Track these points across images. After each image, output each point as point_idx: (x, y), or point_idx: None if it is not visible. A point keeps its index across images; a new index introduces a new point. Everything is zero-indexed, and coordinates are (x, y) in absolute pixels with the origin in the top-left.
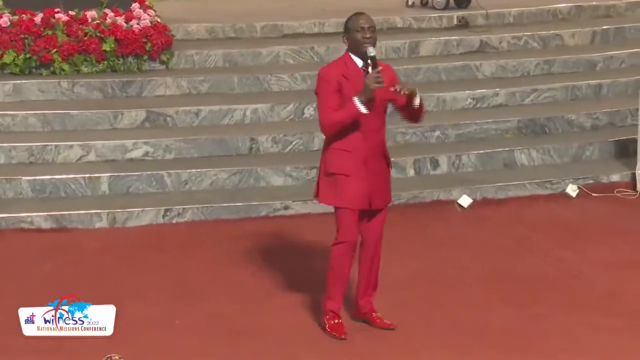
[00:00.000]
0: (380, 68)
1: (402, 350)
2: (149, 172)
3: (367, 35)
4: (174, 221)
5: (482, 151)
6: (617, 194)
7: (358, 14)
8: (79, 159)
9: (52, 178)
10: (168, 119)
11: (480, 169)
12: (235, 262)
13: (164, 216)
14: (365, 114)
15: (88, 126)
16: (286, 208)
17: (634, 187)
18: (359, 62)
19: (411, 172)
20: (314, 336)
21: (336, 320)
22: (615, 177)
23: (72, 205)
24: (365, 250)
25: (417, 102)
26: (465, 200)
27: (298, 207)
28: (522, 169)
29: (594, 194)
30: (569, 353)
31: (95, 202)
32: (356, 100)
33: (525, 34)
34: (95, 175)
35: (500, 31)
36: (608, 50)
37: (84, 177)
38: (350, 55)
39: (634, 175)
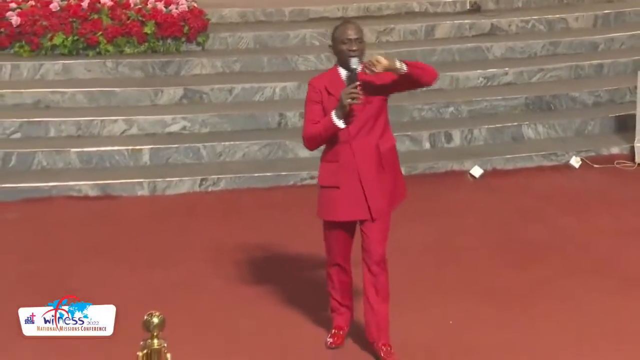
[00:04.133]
0: (357, 83)
1: (414, 309)
2: (187, 145)
3: (354, 48)
4: (209, 190)
5: (492, 126)
6: (617, 165)
7: (345, 24)
8: (123, 132)
9: (98, 150)
10: (204, 96)
11: (491, 142)
12: (265, 227)
13: (200, 185)
14: (348, 124)
15: (130, 102)
16: (312, 178)
17: (633, 159)
18: (344, 75)
19: (427, 145)
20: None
21: (335, 331)
22: (615, 150)
23: (116, 175)
24: (365, 277)
25: (402, 67)
26: (476, 171)
27: None
28: (529, 142)
29: (595, 165)
30: (568, 312)
31: (137, 172)
32: (333, 114)
33: (533, 17)
34: (137, 147)
35: (510, 15)
36: (609, 33)
37: (127, 149)
38: (337, 68)
39: (632, 148)
